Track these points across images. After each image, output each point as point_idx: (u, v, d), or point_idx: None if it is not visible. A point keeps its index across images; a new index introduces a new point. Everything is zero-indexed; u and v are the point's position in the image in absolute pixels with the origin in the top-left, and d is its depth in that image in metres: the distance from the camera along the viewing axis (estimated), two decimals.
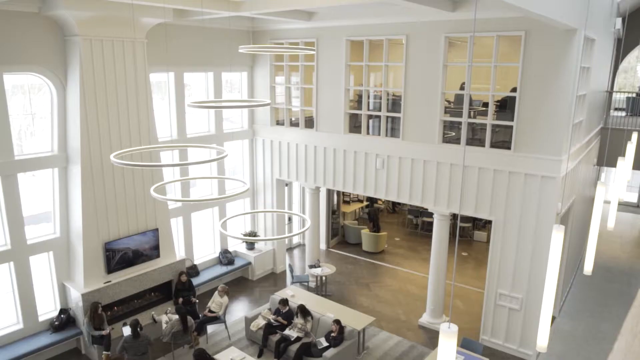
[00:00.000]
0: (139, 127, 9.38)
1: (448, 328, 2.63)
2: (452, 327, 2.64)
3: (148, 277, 9.75)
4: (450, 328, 2.63)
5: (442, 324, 2.69)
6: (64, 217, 9.11)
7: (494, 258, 9.04)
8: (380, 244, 14.09)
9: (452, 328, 2.63)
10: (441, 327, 2.69)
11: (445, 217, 9.51)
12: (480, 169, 8.77)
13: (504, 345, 9.16)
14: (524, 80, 8.12)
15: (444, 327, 2.65)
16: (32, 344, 8.70)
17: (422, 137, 9.33)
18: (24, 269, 8.70)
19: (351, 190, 10.75)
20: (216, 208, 12.04)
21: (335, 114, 10.52)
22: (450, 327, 2.63)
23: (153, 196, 5.69)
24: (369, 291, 11.77)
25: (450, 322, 2.68)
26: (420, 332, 9.99)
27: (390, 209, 17.93)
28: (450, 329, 2.63)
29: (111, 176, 9.07)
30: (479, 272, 12.58)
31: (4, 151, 8.16)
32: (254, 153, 12.57)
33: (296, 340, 8.86)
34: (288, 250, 14.37)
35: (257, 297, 11.55)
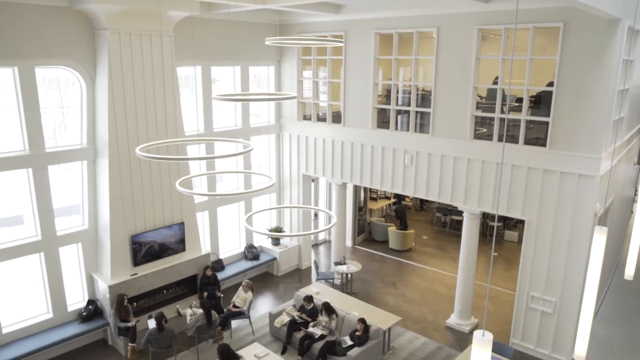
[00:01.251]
0: (166, 120, 9.39)
1: (482, 336, 2.43)
2: (487, 335, 2.44)
3: (174, 271, 9.79)
4: (484, 336, 2.43)
5: (475, 332, 2.50)
6: (93, 210, 9.21)
7: (526, 259, 8.70)
8: (408, 242, 13.83)
9: (486, 336, 2.43)
10: (474, 335, 2.50)
11: (475, 215, 9.21)
12: (513, 167, 8.44)
13: (536, 350, 8.82)
14: (561, 74, 7.75)
15: (478, 335, 2.46)
16: (61, 333, 8.84)
17: (453, 133, 9.04)
18: (53, 259, 8.84)
19: (378, 187, 10.54)
20: (242, 203, 12.01)
21: (363, 109, 10.32)
22: (484, 335, 2.43)
23: (178, 190, 5.64)
24: (395, 290, 11.56)
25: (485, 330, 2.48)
26: (447, 333, 9.73)
27: (418, 207, 17.62)
28: (485, 337, 2.43)
29: (138, 169, 9.11)
30: (509, 273, 12.20)
31: (35, 144, 8.27)
32: (280, 148, 12.48)
33: (320, 338, 8.74)
34: (314, 246, 14.26)
35: (281, 293, 11.48)
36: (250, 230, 12.20)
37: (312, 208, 8.22)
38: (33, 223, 8.61)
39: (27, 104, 8.09)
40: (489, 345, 2.41)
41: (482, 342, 2.41)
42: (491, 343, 2.43)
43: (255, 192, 6.91)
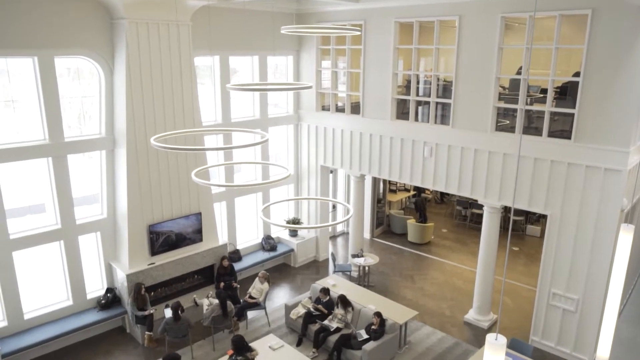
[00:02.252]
0: (183, 111, 9.38)
1: (495, 340, 2.30)
2: (500, 338, 2.31)
3: (191, 261, 9.83)
4: (497, 340, 2.30)
5: (488, 336, 2.37)
6: (111, 199, 9.29)
7: (548, 255, 8.46)
8: (427, 235, 13.64)
9: (499, 340, 2.30)
10: (487, 339, 2.37)
11: (496, 209, 8.99)
12: (536, 160, 8.17)
13: (556, 348, 8.60)
14: (588, 63, 7.44)
15: (491, 338, 2.32)
16: (81, 320, 8.98)
17: (474, 125, 8.81)
18: (73, 247, 8.95)
19: (397, 179, 10.37)
20: (260, 194, 11.98)
21: (382, 100, 10.14)
22: (497, 339, 2.30)
23: (194, 180, 5.61)
24: (413, 284, 11.41)
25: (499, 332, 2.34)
26: (465, 329, 9.56)
27: (438, 199, 17.36)
28: (498, 342, 2.29)
29: (155, 159, 9.14)
30: (530, 268, 11.92)
31: (55, 133, 8.35)
32: (298, 139, 12.39)
33: (336, 330, 8.68)
34: (331, 238, 14.18)
35: (298, 285, 11.45)
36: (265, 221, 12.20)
37: (328, 200, 8.13)
38: (53, 212, 8.73)
39: (46, 94, 8.15)
40: (502, 350, 2.28)
41: (495, 346, 2.28)
42: (504, 348, 2.30)
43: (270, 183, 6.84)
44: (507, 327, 9.53)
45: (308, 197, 6.04)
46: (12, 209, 8.51)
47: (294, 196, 12.77)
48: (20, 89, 8.29)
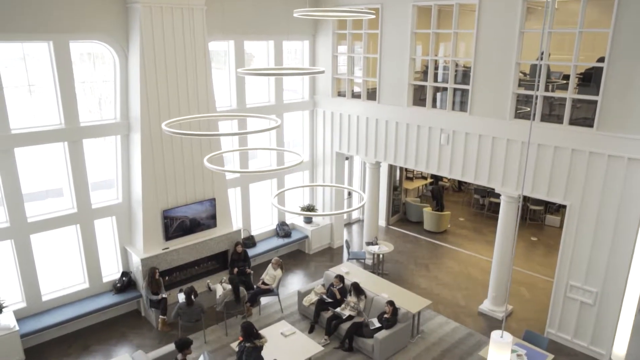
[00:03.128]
0: (197, 96, 9.34)
1: (501, 338, 2.20)
2: (506, 336, 2.20)
3: (205, 246, 9.87)
4: (503, 338, 2.19)
5: (493, 333, 2.27)
6: (126, 184, 9.35)
7: (566, 246, 8.25)
8: (443, 224, 13.47)
9: (505, 338, 2.20)
10: (492, 336, 2.27)
11: (513, 199, 8.78)
12: (556, 148, 7.93)
13: (573, 341, 8.43)
14: (613, 48, 7.13)
15: (496, 336, 2.22)
16: (97, 303, 9.12)
17: (492, 112, 8.58)
18: (89, 231, 9.06)
19: (412, 167, 10.21)
20: (275, 180, 11.94)
21: (398, 86, 9.94)
22: (503, 337, 2.19)
23: (206, 166, 5.57)
24: (428, 272, 11.29)
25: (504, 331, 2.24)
26: (480, 319, 9.43)
27: (455, 188, 17.11)
28: (503, 339, 2.19)
29: (170, 145, 9.15)
30: (548, 259, 11.68)
31: (70, 118, 8.40)
32: (314, 125, 12.28)
33: (348, 318, 8.65)
34: (346, 225, 14.11)
35: (312, 272, 11.43)
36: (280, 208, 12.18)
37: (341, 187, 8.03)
38: (69, 196, 8.83)
39: (62, 79, 8.19)
40: (507, 349, 2.18)
41: (500, 344, 2.17)
42: (510, 346, 2.20)
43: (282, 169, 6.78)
44: (523, 319, 9.38)
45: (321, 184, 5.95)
46: (31, 193, 8.64)
47: (310, 183, 12.71)
48: (36, 74, 8.34)
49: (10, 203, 8.13)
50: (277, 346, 7.73)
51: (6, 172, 7.98)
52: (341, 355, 8.31)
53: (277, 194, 6.75)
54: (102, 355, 8.35)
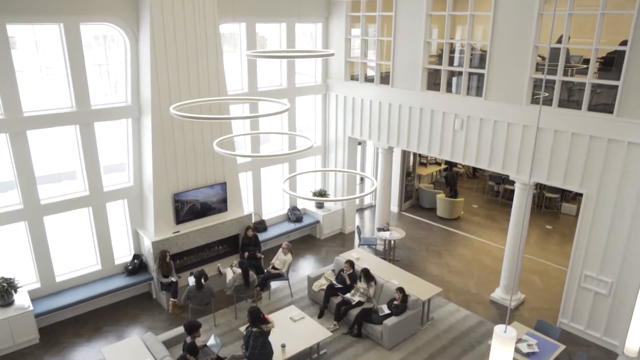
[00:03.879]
0: (209, 79, 9.26)
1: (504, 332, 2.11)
2: (510, 331, 2.11)
3: (215, 230, 9.89)
4: (506, 333, 2.10)
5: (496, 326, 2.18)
6: (137, 167, 9.37)
7: (581, 235, 8.06)
8: (456, 210, 13.30)
9: (509, 333, 2.10)
10: (495, 330, 2.18)
11: (527, 186, 8.59)
12: (573, 135, 7.71)
13: (585, 332, 8.29)
14: (637, 31, 6.85)
15: (499, 330, 2.13)
16: (109, 284, 9.23)
17: (508, 97, 8.35)
18: (101, 214, 9.13)
19: (425, 153, 10.04)
20: (286, 164, 11.88)
21: (412, 70, 9.73)
22: (506, 332, 2.10)
23: (216, 150, 5.52)
24: (440, 259, 11.19)
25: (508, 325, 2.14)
26: (491, 307, 9.33)
27: (470, 174, 16.86)
28: (507, 334, 2.10)
29: (180, 128, 9.12)
30: (563, 248, 11.48)
31: (81, 101, 8.40)
32: (326, 109, 12.14)
33: (357, 304, 8.62)
34: (358, 210, 14.03)
35: (323, 257, 11.41)
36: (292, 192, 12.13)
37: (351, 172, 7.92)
38: (81, 179, 8.88)
39: (73, 61, 8.17)
40: (511, 344, 2.08)
41: (504, 339, 2.08)
42: (514, 341, 2.11)
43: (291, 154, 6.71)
44: (535, 308, 9.25)
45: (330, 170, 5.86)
46: (46, 175, 8.71)
47: (322, 167, 12.62)
48: (48, 57, 8.34)
49: (23, 185, 8.20)
50: (286, 331, 7.74)
51: (19, 155, 8.04)
52: (350, 341, 8.30)
53: (287, 179, 6.69)
54: (114, 336, 8.47)
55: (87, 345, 8.26)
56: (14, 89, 7.72)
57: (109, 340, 8.35)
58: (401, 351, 8.04)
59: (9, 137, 7.91)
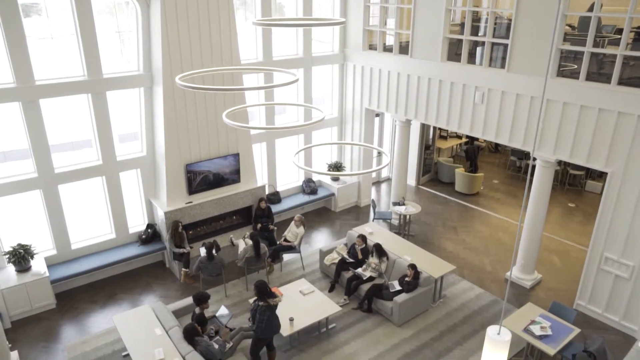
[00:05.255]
0: (221, 48, 9.04)
1: (497, 335, 1.93)
2: (504, 333, 1.93)
3: (228, 201, 9.84)
4: (500, 335, 1.93)
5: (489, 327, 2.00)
6: (150, 137, 9.31)
7: (604, 216, 7.73)
8: (475, 186, 12.97)
9: (502, 336, 1.93)
10: (487, 332, 2.00)
11: (549, 164, 8.23)
12: (600, 111, 7.28)
13: (603, 315, 8.05)
14: None
15: (492, 332, 1.95)
16: (123, 253, 9.33)
17: (533, 69, 7.91)
18: (114, 183, 9.16)
19: (444, 126, 9.70)
20: (302, 136, 11.69)
21: (433, 39, 9.31)
22: (500, 335, 1.93)
23: (224, 122, 5.37)
24: (456, 235, 10.97)
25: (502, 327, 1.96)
26: (506, 286, 9.13)
27: (492, 148, 16.39)
28: (500, 337, 1.92)
29: (192, 99, 8.97)
30: (585, 227, 11.10)
31: (93, 69, 8.31)
32: (344, 79, 11.82)
33: (369, 279, 8.53)
34: (376, 183, 13.83)
35: (337, 230, 11.31)
36: (308, 164, 11.98)
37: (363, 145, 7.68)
38: (95, 148, 8.87)
39: (83, 29, 8.04)
40: (504, 349, 1.91)
41: (497, 343, 1.91)
42: (508, 345, 1.94)
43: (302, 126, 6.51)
44: (551, 288, 9.02)
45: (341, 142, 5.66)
46: (63, 144, 8.75)
47: (338, 139, 12.39)
48: (59, 25, 8.22)
49: (37, 154, 8.24)
50: (295, 304, 7.73)
51: (32, 123, 8.04)
52: (360, 316, 8.25)
53: (297, 152, 6.51)
54: (127, 304, 8.60)
55: (101, 312, 8.42)
56: (25, 58, 7.66)
57: (122, 307, 8.49)
58: (411, 328, 7.96)
59: (22, 105, 7.89)
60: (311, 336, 7.74)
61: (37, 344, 7.67)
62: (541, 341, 6.68)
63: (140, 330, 6.92)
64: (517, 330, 6.88)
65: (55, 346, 7.65)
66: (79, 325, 8.11)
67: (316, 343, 7.62)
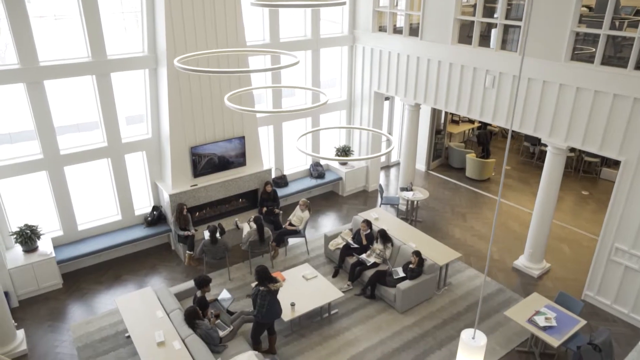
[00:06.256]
0: (226, 29, 8.89)
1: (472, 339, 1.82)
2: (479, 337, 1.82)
3: (234, 184, 9.79)
4: (474, 340, 1.82)
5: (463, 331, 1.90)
6: (155, 119, 9.26)
7: (616, 205, 7.50)
8: (486, 171, 12.73)
9: (477, 340, 1.82)
10: (462, 337, 1.89)
11: (561, 151, 7.99)
12: (615, 97, 7.00)
13: (612, 307, 7.87)
14: None
15: (466, 336, 1.85)
16: (129, 234, 9.38)
17: (546, 52, 7.63)
18: (120, 165, 9.16)
19: (453, 111, 9.46)
20: (309, 119, 11.55)
21: (444, 20, 9.03)
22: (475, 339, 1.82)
23: (226, 105, 5.27)
24: (464, 222, 10.80)
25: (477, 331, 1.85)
26: (513, 275, 8.98)
27: (505, 133, 16.04)
28: (475, 342, 1.81)
29: (197, 81, 8.87)
30: (598, 216, 10.83)
31: (97, 51, 8.24)
32: (353, 61, 11.59)
33: (373, 265, 8.46)
34: (385, 168, 13.66)
35: (344, 214, 11.22)
36: (315, 148, 11.86)
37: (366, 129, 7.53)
38: (100, 130, 8.86)
39: (87, 10, 7.95)
40: (480, 353, 1.80)
41: (472, 348, 1.80)
42: (484, 350, 1.83)
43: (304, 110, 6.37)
44: (560, 278, 8.85)
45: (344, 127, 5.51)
46: (66, 126, 8.74)
47: (346, 123, 12.22)
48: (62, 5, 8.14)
49: (42, 135, 8.25)
50: (297, 289, 7.70)
51: (37, 105, 8.04)
52: (362, 302, 8.20)
53: (300, 137, 6.39)
54: (133, 285, 8.67)
55: (107, 293, 8.50)
56: (29, 39, 7.61)
57: (128, 288, 8.56)
58: (414, 315, 7.89)
59: (26, 86, 7.88)
60: (313, 321, 7.72)
61: (43, 323, 7.79)
62: (545, 332, 6.56)
63: (142, 313, 6.96)
64: (521, 321, 6.77)
65: (61, 325, 7.76)
66: (85, 306, 8.20)
67: (317, 328, 7.60)
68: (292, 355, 7.08)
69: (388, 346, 7.26)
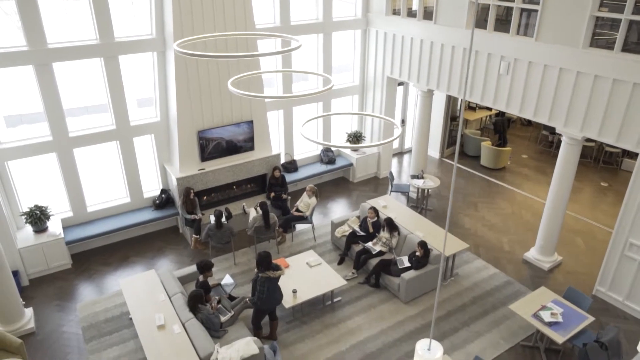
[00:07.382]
0: (234, 11, 8.75)
1: (428, 351, 1.71)
2: (435, 348, 1.71)
3: (242, 169, 9.75)
4: (430, 351, 1.71)
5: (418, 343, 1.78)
6: (164, 102, 9.24)
7: (632, 199, 7.22)
8: (502, 160, 12.42)
9: (433, 352, 1.70)
10: (417, 348, 1.78)
11: (576, 141, 7.69)
12: (635, 86, 6.67)
13: (624, 303, 7.62)
14: None
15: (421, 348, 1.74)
16: (138, 217, 9.45)
17: (563, 38, 7.30)
18: (128, 148, 9.19)
19: (467, 98, 9.19)
20: (320, 104, 11.40)
21: (459, 3, 8.72)
22: (430, 351, 1.71)
23: (230, 90, 5.17)
24: (476, 211, 10.57)
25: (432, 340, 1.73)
26: (523, 267, 8.77)
27: (524, 121, 15.60)
28: (431, 354, 1.70)
29: (205, 64, 8.78)
30: (616, 208, 10.44)
31: (105, 33, 8.20)
32: (366, 45, 11.34)
33: (378, 254, 8.36)
34: (398, 155, 13.45)
35: (354, 201, 11.10)
36: (327, 132, 11.73)
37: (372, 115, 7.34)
38: (109, 113, 8.88)
39: None
40: None
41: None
42: None
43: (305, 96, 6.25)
44: (571, 272, 8.61)
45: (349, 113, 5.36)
46: (75, 108, 8.77)
47: (358, 109, 12.03)
48: None
49: (51, 117, 8.30)
50: (301, 276, 7.66)
51: (46, 87, 8.07)
52: (366, 290, 8.12)
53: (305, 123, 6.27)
54: (140, 267, 8.75)
55: (115, 274, 8.60)
56: (37, 20, 7.61)
57: (135, 270, 8.65)
58: (417, 306, 7.78)
59: (35, 68, 7.91)
60: (315, 309, 7.69)
61: (51, 302, 7.93)
62: (550, 328, 6.39)
63: (145, 295, 7.01)
64: (526, 315, 6.61)
65: (69, 305, 7.89)
66: (93, 286, 8.32)
67: (319, 316, 7.56)
68: (292, 342, 7.07)
69: (389, 336, 7.19)
